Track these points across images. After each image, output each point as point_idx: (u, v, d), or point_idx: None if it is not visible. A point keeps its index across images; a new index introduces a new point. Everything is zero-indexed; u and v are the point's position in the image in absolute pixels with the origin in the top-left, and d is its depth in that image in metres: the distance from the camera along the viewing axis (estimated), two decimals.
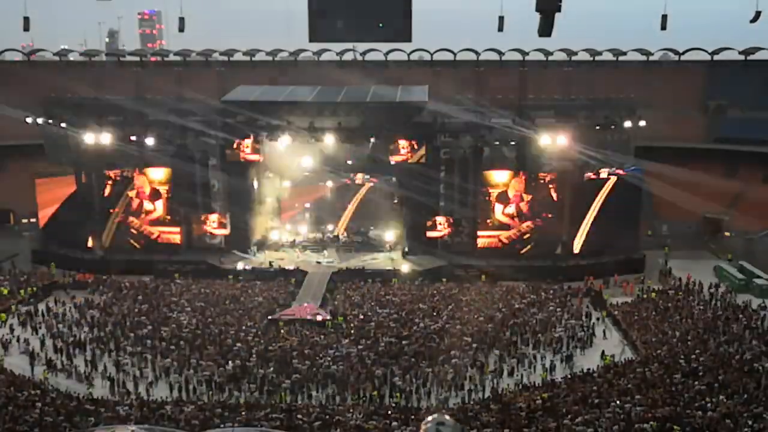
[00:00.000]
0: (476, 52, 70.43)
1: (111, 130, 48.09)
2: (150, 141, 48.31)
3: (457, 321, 36.88)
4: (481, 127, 47.39)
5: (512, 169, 48.47)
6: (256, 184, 51.62)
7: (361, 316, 37.95)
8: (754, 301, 39.71)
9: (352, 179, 54.05)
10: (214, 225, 50.48)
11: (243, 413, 25.73)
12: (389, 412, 26.24)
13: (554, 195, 48.55)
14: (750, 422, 23.00)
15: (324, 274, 45.68)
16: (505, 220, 49.11)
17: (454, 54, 71.19)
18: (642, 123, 47.14)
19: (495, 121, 47.21)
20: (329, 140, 47.30)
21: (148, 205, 50.38)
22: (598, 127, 46.87)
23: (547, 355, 33.73)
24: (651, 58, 69.16)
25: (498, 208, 48.89)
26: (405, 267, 47.23)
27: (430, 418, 8.60)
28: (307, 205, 55.79)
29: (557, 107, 49.98)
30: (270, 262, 47.78)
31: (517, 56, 68.87)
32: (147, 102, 52.46)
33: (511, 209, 48.93)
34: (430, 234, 49.44)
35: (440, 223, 49.35)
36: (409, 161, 48.64)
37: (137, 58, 77.13)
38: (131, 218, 50.44)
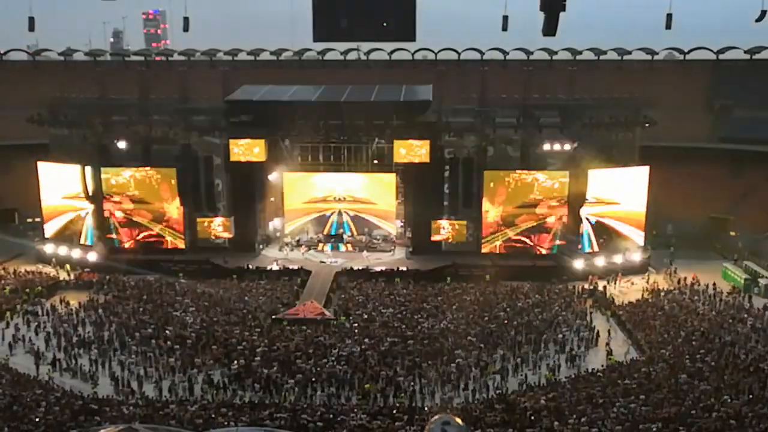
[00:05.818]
0: (480, 52, 70.24)
1: (115, 130, 48.04)
2: (154, 141, 48.30)
3: (462, 321, 36.82)
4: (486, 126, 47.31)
5: (516, 169, 48.36)
6: (259, 183, 51.57)
7: (365, 316, 37.91)
8: (760, 300, 39.59)
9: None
10: (219, 229, 50.49)
11: (247, 413, 25.73)
12: (393, 412, 26.21)
13: (557, 194, 48.37)
14: (755, 423, 22.92)
15: (328, 274, 45.69)
16: (509, 220, 48.93)
17: (459, 53, 71.08)
18: (650, 123, 46.91)
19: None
20: None
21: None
22: (602, 127, 46.69)
23: (551, 355, 33.63)
24: (656, 57, 68.87)
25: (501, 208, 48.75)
26: (409, 266, 47.14)
27: (435, 417, 8.58)
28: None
29: (562, 107, 49.85)
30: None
31: (522, 56, 68.68)
32: (151, 102, 52.52)
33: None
34: (434, 238, 49.34)
35: (443, 227, 49.28)
36: (413, 161, 48.57)
37: (142, 58, 77.25)
38: (136, 218, 50.46)
